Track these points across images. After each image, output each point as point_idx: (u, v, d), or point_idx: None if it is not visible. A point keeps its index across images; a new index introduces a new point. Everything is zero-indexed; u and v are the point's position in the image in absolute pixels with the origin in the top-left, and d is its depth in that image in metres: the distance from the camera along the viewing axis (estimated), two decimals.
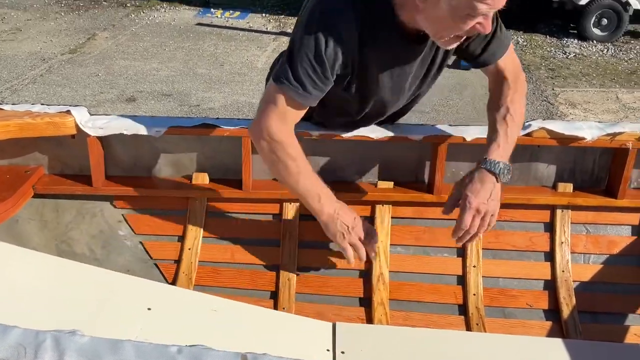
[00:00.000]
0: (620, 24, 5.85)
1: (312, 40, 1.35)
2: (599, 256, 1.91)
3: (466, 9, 1.25)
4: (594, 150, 1.86)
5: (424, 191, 1.85)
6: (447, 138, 1.77)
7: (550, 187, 1.91)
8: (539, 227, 1.91)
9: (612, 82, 4.98)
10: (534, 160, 1.89)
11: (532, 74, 5.11)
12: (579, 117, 4.30)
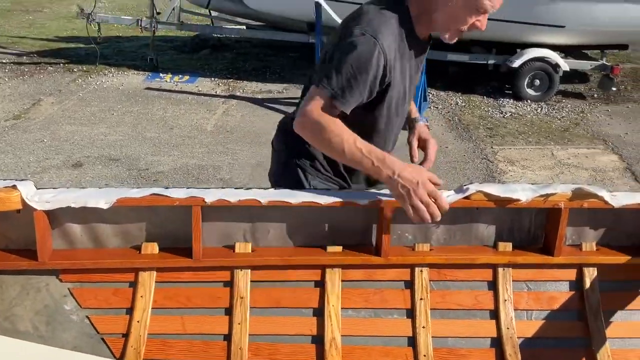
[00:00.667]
0: (552, 84, 6.24)
1: (362, 56, 1.56)
2: (540, 312, 1.99)
3: (475, 3, 1.56)
4: (529, 211, 1.97)
5: (372, 254, 1.90)
6: (391, 203, 1.84)
7: (492, 247, 2.00)
8: (483, 285, 1.98)
9: (547, 139, 5.27)
10: (474, 221, 1.98)
11: (471, 133, 5.35)
12: (518, 173, 4.51)
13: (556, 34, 6.09)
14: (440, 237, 1.99)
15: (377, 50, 1.57)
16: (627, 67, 7.90)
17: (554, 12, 5.97)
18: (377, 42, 1.57)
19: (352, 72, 1.58)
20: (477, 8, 1.58)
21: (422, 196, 1.58)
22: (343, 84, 1.58)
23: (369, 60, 1.57)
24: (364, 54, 1.57)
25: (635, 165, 4.84)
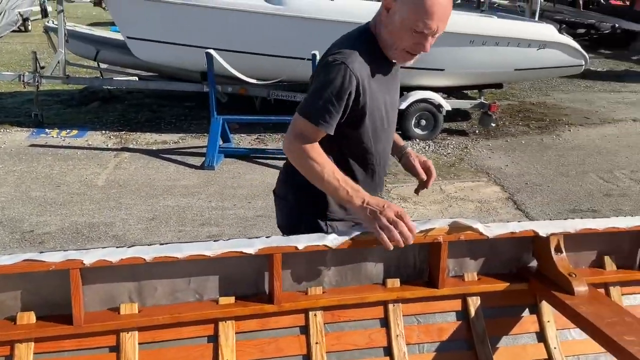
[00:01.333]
0: (437, 123, 6.62)
1: (335, 82, 1.76)
2: (431, 344, 2.05)
3: (410, 23, 1.73)
4: (413, 247, 2.04)
5: (265, 302, 1.89)
6: (281, 249, 1.85)
7: (381, 284, 2.06)
8: (376, 323, 2.02)
9: (438, 176, 5.54)
10: (363, 260, 2.03)
11: None
12: (410, 209, 4.70)
13: (437, 76, 6.51)
14: (332, 279, 2.02)
15: (348, 73, 1.76)
16: (504, 103, 8.54)
17: (434, 57, 6.36)
18: (347, 66, 1.76)
19: (328, 97, 1.77)
20: (413, 28, 1.74)
21: (389, 215, 1.72)
22: (321, 108, 1.78)
23: (342, 84, 1.76)
24: (337, 79, 1.76)
25: (516, 194, 5.19)
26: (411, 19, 1.73)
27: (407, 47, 1.80)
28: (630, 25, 13.02)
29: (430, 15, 1.72)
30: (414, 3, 1.72)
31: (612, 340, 1.74)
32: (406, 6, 1.74)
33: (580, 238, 2.16)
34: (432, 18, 1.72)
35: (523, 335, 2.15)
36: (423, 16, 1.72)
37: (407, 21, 1.74)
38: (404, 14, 1.74)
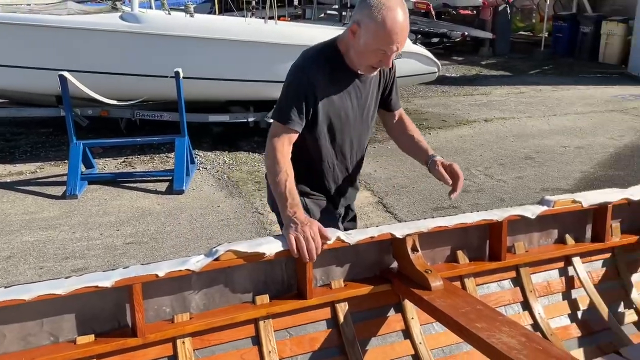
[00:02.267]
0: None
1: (293, 84, 2.10)
2: (304, 355, 2.08)
3: (373, 46, 1.98)
4: (279, 261, 2.07)
5: (128, 336, 1.81)
6: (140, 278, 1.78)
7: (250, 302, 2.05)
8: (247, 342, 2.01)
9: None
10: (230, 280, 2.01)
11: (241, 189, 5.51)
12: None
13: None
14: (200, 303, 1.98)
15: (304, 77, 2.07)
16: None
17: None
18: (304, 71, 2.08)
19: (290, 98, 2.08)
20: (376, 50, 1.99)
21: (306, 232, 1.90)
22: (285, 107, 2.08)
23: (298, 86, 2.07)
24: (294, 82, 2.09)
25: (385, 197, 5.43)
26: (374, 43, 1.98)
27: (372, 64, 2.07)
28: (478, 33, 14.17)
29: (390, 39, 1.97)
30: (375, 29, 1.95)
31: (465, 329, 1.87)
32: (369, 32, 1.97)
33: (434, 236, 2.30)
34: (392, 41, 1.97)
35: (391, 334, 2.25)
36: (385, 40, 1.97)
37: (371, 44, 1.98)
38: (367, 38, 1.98)
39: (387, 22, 1.94)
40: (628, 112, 8.85)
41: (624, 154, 6.71)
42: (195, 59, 6.01)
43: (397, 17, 1.95)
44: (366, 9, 1.98)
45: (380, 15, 1.94)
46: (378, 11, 1.94)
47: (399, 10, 1.97)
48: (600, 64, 13.20)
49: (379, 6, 1.95)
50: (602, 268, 2.72)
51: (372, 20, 1.95)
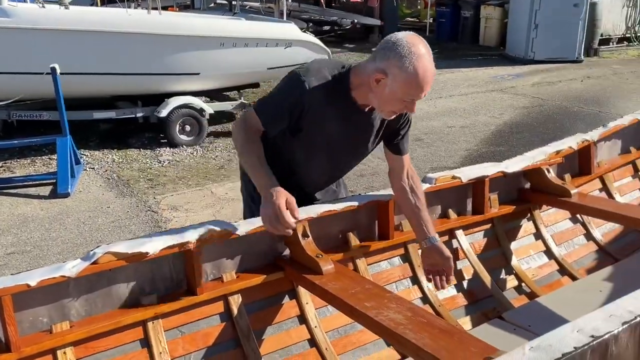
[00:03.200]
0: (201, 127, 6.60)
1: (284, 84, 2.03)
2: (199, 352, 2.04)
3: (400, 95, 1.88)
4: (166, 258, 2.00)
5: (2, 351, 1.69)
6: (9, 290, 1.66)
7: (137, 303, 1.97)
8: (136, 345, 1.94)
9: (206, 179, 5.55)
10: (113, 283, 1.92)
11: (132, 187, 5.30)
12: (182, 218, 4.62)
13: (193, 81, 6.49)
14: (81, 310, 1.88)
15: (301, 87, 1.95)
16: None
17: (187, 61, 6.36)
18: (304, 82, 1.95)
19: (277, 98, 2.03)
20: (403, 98, 1.89)
21: (277, 202, 1.86)
22: (268, 105, 2.04)
23: (291, 92, 1.98)
24: (289, 86, 2.00)
25: None
26: (403, 92, 1.87)
27: (396, 110, 1.98)
28: (367, 20, 14.51)
29: (422, 88, 1.86)
30: (407, 79, 1.84)
31: (354, 309, 1.91)
32: (398, 82, 1.85)
33: (324, 220, 2.33)
34: (423, 90, 1.87)
35: (286, 321, 2.26)
36: (415, 89, 1.86)
37: (398, 93, 1.88)
38: (395, 87, 1.86)
39: (419, 72, 1.82)
40: (506, 91, 9.44)
41: (503, 131, 7.16)
42: (73, 54, 5.67)
43: (428, 66, 1.84)
44: (395, 58, 1.83)
45: (411, 66, 1.82)
46: (409, 61, 1.82)
47: (428, 56, 1.85)
48: (481, 46, 13.96)
49: (409, 56, 1.82)
50: (484, 238, 2.88)
51: (403, 71, 1.83)
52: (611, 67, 11.62)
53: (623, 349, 1.51)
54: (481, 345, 1.66)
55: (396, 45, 1.84)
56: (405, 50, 1.82)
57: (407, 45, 1.83)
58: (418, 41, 1.86)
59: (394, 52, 1.83)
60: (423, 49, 1.85)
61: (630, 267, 2.95)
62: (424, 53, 1.84)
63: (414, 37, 1.87)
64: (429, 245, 2.21)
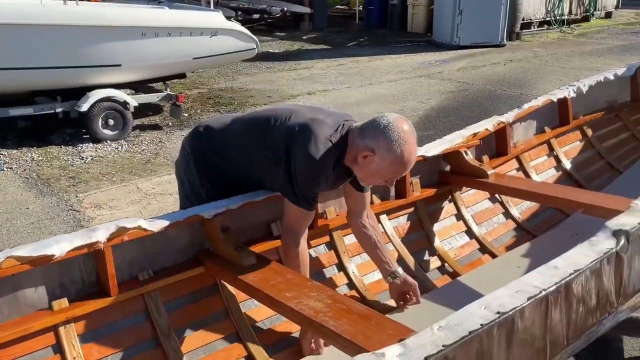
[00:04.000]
0: (126, 121, 6.38)
1: (315, 175, 2.10)
2: (115, 355, 1.97)
3: (385, 173, 2.07)
4: (76, 259, 1.92)
5: None
6: None
7: (47, 308, 1.88)
8: (47, 352, 1.85)
9: (131, 174, 5.38)
10: (18, 289, 1.83)
11: (53, 186, 5.07)
12: (107, 216, 4.46)
13: (115, 73, 6.25)
14: None
15: (325, 170, 2.09)
16: (194, 92, 8.69)
17: (107, 52, 6.11)
18: (325, 165, 2.07)
19: (311, 187, 2.12)
20: (390, 175, 2.09)
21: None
22: (309, 197, 2.14)
23: (320, 177, 2.10)
24: (317, 174, 2.09)
25: None
26: (388, 171, 2.06)
27: (378, 184, 2.18)
28: (296, 8, 14.45)
29: (405, 169, 2.09)
30: (393, 161, 2.02)
31: (275, 300, 1.89)
32: (385, 162, 2.02)
33: (245, 212, 2.29)
34: (406, 169, 2.09)
35: (210, 316, 2.21)
36: (400, 171, 2.08)
37: (383, 172, 2.06)
38: (382, 166, 2.04)
39: (405, 156, 2.01)
40: (433, 76, 9.64)
41: (431, 116, 7.32)
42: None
43: (413, 151, 2.05)
44: (384, 141, 2.00)
45: (399, 150, 2.00)
46: (398, 146, 2.00)
47: (414, 143, 2.05)
48: (409, 33, 14.20)
49: (399, 141, 1.99)
50: (407, 222, 2.93)
51: (391, 153, 2.00)
52: (532, 50, 12.09)
53: (529, 323, 1.56)
54: (397, 327, 1.68)
55: (387, 128, 2.01)
56: (395, 135, 2.00)
57: (396, 130, 2.00)
58: (407, 127, 2.04)
59: (384, 135, 2.01)
60: (411, 135, 2.03)
61: (546, 242, 3.08)
62: (411, 140, 2.03)
63: (403, 122, 2.04)
64: (395, 279, 2.43)
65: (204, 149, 2.35)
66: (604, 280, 1.83)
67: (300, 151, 2.06)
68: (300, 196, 2.12)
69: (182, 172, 2.46)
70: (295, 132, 2.10)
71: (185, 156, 2.42)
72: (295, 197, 2.12)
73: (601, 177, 3.86)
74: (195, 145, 2.38)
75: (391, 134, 2.00)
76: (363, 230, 2.42)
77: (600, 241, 1.89)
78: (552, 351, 1.65)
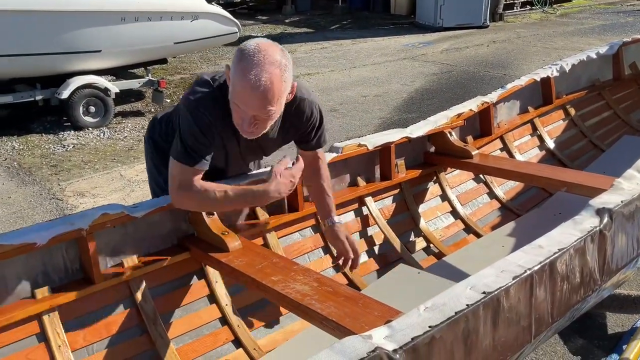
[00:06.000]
0: (107, 108, 6.30)
1: (195, 125, 1.88)
2: (101, 342, 1.96)
3: (240, 105, 1.78)
4: (58, 247, 1.90)
5: None
6: None
7: (30, 297, 1.86)
8: (32, 341, 1.84)
9: (114, 162, 5.32)
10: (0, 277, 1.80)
11: (34, 175, 5.00)
12: (90, 204, 4.41)
13: (95, 59, 6.14)
14: None
15: (206, 116, 1.88)
16: (177, 78, 8.59)
17: (86, 38, 6.00)
18: (205, 116, 1.88)
19: (195, 140, 1.89)
20: (245, 105, 1.77)
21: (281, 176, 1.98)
22: (194, 151, 1.90)
23: (204, 130, 1.88)
24: (198, 126, 1.88)
25: None
26: (240, 100, 1.77)
27: (241, 126, 1.86)
28: None
29: (254, 96, 1.74)
30: (241, 84, 1.74)
31: (261, 284, 1.88)
32: (236, 87, 1.77)
33: None
34: (257, 98, 1.74)
35: (196, 301, 2.20)
36: (248, 98, 1.75)
37: (237, 100, 1.79)
38: (233, 93, 1.79)
39: (252, 78, 1.73)
40: (417, 59, 9.62)
41: (415, 98, 7.31)
42: None
43: (265, 77, 1.73)
44: (236, 59, 1.78)
45: (248, 71, 1.73)
46: (247, 65, 1.74)
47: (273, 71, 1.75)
48: (392, 15, 14.13)
49: (249, 60, 1.74)
50: (392, 203, 2.93)
51: (238, 74, 1.76)
52: (515, 30, 12.10)
53: (515, 302, 1.57)
54: (384, 309, 1.69)
55: (245, 47, 1.77)
56: (248, 54, 1.75)
57: (253, 51, 1.75)
58: (269, 50, 1.76)
59: (238, 54, 1.78)
60: (268, 58, 1.74)
61: (530, 221, 3.10)
62: (265, 63, 1.73)
63: (269, 47, 1.77)
64: (331, 225, 2.25)
65: (156, 137, 2.33)
66: (587, 258, 1.84)
67: (180, 105, 1.96)
68: (181, 148, 1.89)
69: (146, 162, 2.45)
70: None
71: (145, 147, 2.42)
72: (176, 152, 1.91)
73: (584, 155, 3.89)
74: (150, 135, 2.37)
75: (245, 53, 1.73)
76: (308, 172, 2.23)
77: (584, 219, 1.91)
78: (538, 329, 1.67)
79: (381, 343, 1.27)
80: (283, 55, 1.78)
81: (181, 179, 1.92)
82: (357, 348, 1.24)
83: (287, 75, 1.78)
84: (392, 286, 2.46)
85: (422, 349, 1.31)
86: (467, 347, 1.42)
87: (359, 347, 1.24)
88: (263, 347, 2.19)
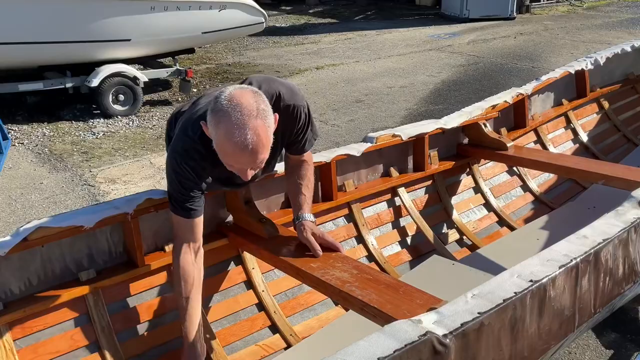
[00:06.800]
0: (136, 96, 6.37)
1: (182, 177, 1.82)
2: (143, 325, 1.99)
3: (227, 162, 1.71)
4: (103, 231, 1.93)
5: None
6: None
7: (75, 279, 1.90)
8: (79, 321, 1.87)
9: (144, 150, 5.38)
10: (46, 260, 1.86)
11: (66, 161, 5.08)
12: (121, 191, 4.48)
13: (124, 48, 6.21)
14: (15, 290, 1.79)
15: (190, 173, 1.81)
16: (202, 67, 8.64)
17: (117, 27, 6.07)
18: (187, 167, 1.80)
19: (182, 192, 1.82)
20: (233, 162, 1.70)
21: None
22: (179, 200, 1.82)
23: (188, 180, 1.82)
24: (183, 179, 1.82)
25: None
26: (225, 158, 1.70)
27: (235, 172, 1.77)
28: None
29: (238, 155, 1.65)
30: (222, 144, 1.65)
31: (301, 270, 1.90)
32: (217, 146, 1.68)
33: (266, 185, 2.30)
34: (241, 156, 1.65)
35: (233, 287, 2.23)
36: (231, 157, 1.68)
37: (223, 158, 1.70)
38: (217, 149, 1.69)
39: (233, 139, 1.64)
40: (443, 50, 9.55)
41: (442, 89, 7.26)
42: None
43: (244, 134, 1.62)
44: (212, 118, 1.67)
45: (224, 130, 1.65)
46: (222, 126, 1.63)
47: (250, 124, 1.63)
48: (418, 6, 14.02)
49: (222, 119, 1.64)
50: (425, 194, 2.93)
51: (218, 135, 1.67)
52: (542, 23, 11.92)
53: (560, 291, 1.57)
54: (426, 297, 1.69)
55: (218, 102, 1.67)
56: (221, 110, 1.65)
57: (225, 106, 1.65)
58: (243, 101, 1.65)
59: (212, 111, 1.68)
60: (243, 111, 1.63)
61: (564, 214, 3.07)
62: (240, 116, 1.63)
63: (242, 95, 1.66)
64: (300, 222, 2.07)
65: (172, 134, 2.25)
66: (630, 249, 1.83)
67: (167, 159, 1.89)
68: (173, 201, 1.84)
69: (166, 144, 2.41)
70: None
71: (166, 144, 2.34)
72: (171, 204, 1.85)
73: (617, 149, 3.84)
74: (167, 133, 2.30)
75: (220, 114, 1.63)
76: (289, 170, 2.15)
77: (627, 211, 1.89)
78: (581, 319, 1.66)
79: (431, 327, 1.28)
80: (257, 97, 1.67)
81: (179, 233, 1.86)
82: (407, 332, 1.24)
83: (268, 116, 1.68)
84: (426, 277, 2.46)
85: (471, 335, 1.31)
86: (513, 334, 1.42)
87: (409, 331, 1.25)
88: (299, 333, 2.22)
